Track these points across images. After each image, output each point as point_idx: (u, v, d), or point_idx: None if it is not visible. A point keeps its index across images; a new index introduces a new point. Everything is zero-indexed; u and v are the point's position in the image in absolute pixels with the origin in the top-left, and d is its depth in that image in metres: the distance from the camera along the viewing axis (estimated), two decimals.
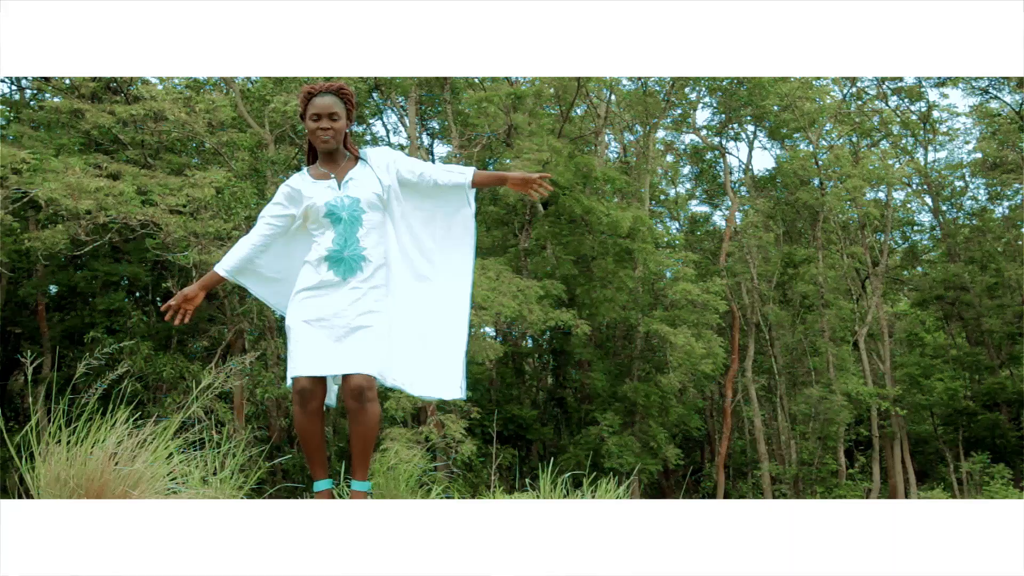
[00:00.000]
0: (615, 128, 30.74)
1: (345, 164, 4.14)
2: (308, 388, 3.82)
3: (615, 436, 23.39)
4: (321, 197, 4.03)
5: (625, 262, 25.19)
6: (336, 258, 3.95)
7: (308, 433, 3.86)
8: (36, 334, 23.14)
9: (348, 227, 4.00)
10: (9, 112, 24.61)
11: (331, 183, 4.08)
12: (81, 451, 3.95)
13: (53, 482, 3.84)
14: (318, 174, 4.12)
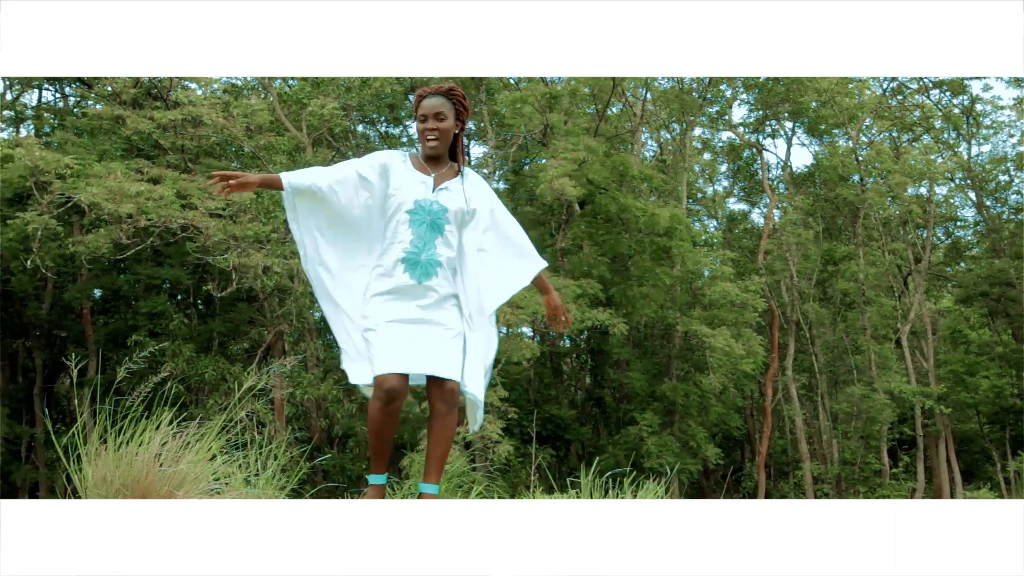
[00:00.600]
0: (651, 126, 30.59)
1: (446, 171, 4.08)
2: (396, 387, 3.76)
3: (654, 436, 23.27)
4: (412, 192, 3.98)
5: (662, 260, 25.05)
6: (413, 260, 3.92)
7: (385, 431, 3.80)
8: (81, 337, 23.53)
9: (429, 231, 3.95)
10: (53, 119, 25.07)
11: (427, 180, 4.03)
12: (127, 452, 4.01)
13: (100, 483, 3.89)
14: (417, 165, 4.07)
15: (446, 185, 4.04)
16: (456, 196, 4.03)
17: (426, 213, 3.96)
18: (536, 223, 28.14)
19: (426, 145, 4.02)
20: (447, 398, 3.90)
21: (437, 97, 4.02)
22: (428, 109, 4.00)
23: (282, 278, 19.06)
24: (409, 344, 3.84)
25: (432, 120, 4.00)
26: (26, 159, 17.34)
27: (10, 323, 24.98)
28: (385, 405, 3.78)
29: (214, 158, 21.99)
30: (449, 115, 4.02)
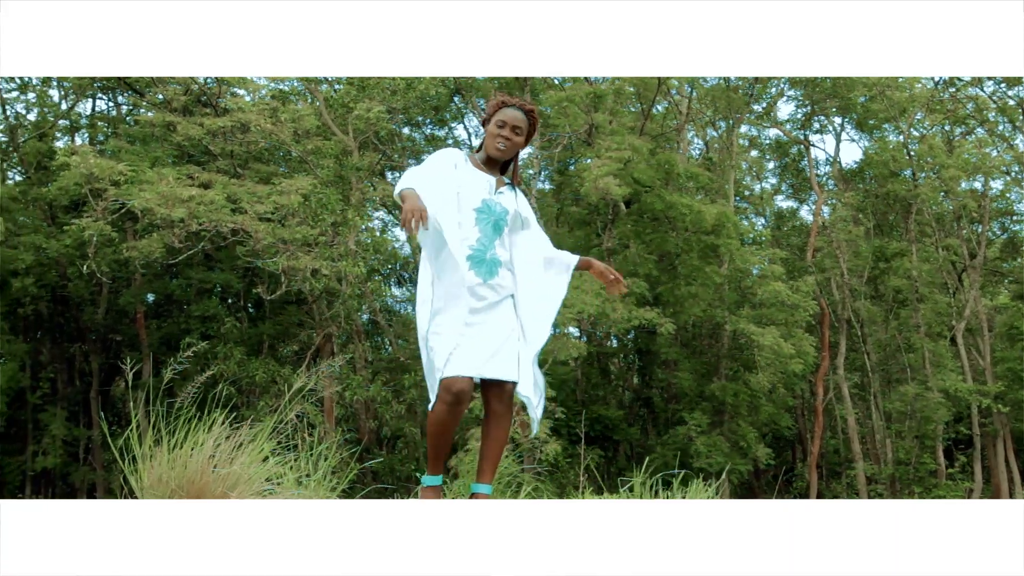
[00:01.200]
0: (697, 124, 30.36)
1: (500, 179, 4.17)
2: (465, 390, 3.79)
3: (703, 436, 23.08)
4: (478, 190, 4.04)
5: (710, 259, 24.84)
6: (479, 258, 3.95)
7: (447, 431, 3.83)
8: (135, 341, 23.98)
9: (492, 230, 4.02)
10: (107, 128, 25.58)
11: (490, 180, 4.10)
12: (181, 454, 4.07)
13: (156, 483, 3.96)
14: (477, 165, 4.15)
15: (502, 190, 4.12)
16: (510, 200, 4.11)
17: (491, 213, 4.02)
18: (581, 223, 28.07)
19: (494, 147, 4.09)
20: (505, 399, 3.95)
21: (520, 112, 4.12)
22: (510, 119, 4.09)
23: (330, 280, 19.23)
24: (475, 347, 3.86)
25: (509, 130, 4.09)
26: (81, 167, 17.71)
27: (67, 328, 25.55)
28: (453, 407, 3.80)
29: (262, 163, 22.27)
30: (524, 133, 4.13)
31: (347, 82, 21.86)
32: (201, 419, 4.23)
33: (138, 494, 4.00)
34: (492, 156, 4.10)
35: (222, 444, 4.21)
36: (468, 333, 3.87)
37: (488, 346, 3.89)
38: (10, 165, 24.32)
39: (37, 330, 25.39)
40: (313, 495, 4.44)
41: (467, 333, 3.86)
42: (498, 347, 3.91)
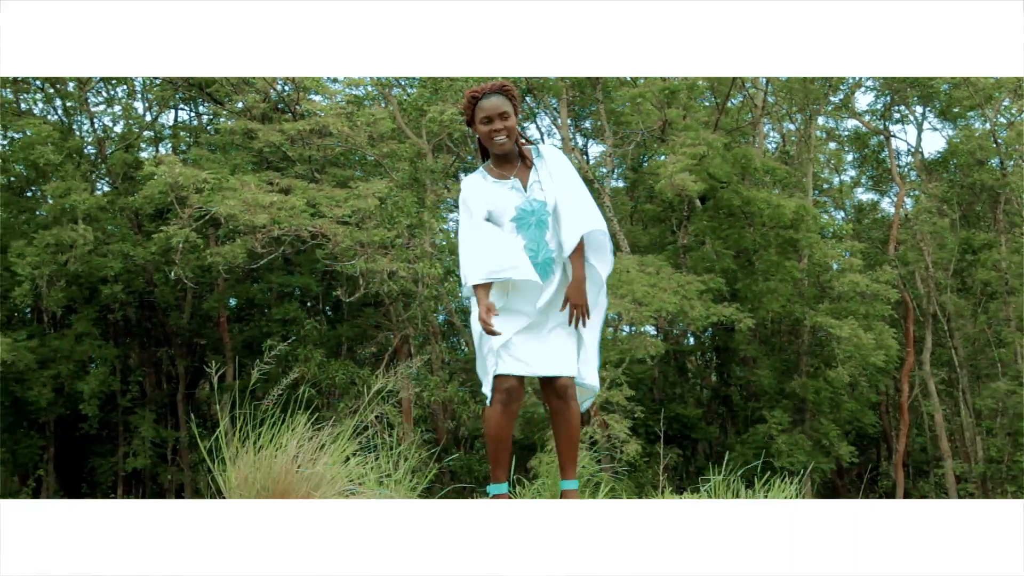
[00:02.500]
0: (773, 117, 29.84)
1: (521, 168, 4.05)
2: (515, 387, 3.81)
3: (784, 434, 22.69)
4: (508, 201, 3.97)
5: (789, 253, 24.40)
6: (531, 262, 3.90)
7: (503, 433, 3.82)
8: (219, 344, 24.59)
9: (537, 231, 3.94)
10: (189, 137, 26.29)
11: (515, 184, 4.01)
12: (266, 455, 4.16)
13: (242, 483, 4.05)
14: (498, 175, 4.05)
15: (534, 179, 4.02)
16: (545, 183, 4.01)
17: (530, 215, 3.95)
18: (656, 220, 27.84)
19: (495, 145, 3.99)
20: (560, 393, 3.92)
21: (496, 96, 3.99)
22: (491, 110, 3.96)
23: (407, 282, 19.44)
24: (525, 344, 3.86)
25: (498, 120, 3.97)
26: (166, 176, 18.23)
27: (154, 332, 26.32)
28: (504, 406, 3.81)
29: (339, 167, 22.63)
30: (511, 112, 4.00)
31: (420, 85, 22.07)
32: (284, 421, 4.32)
33: (226, 494, 4.10)
34: (498, 152, 4.02)
35: (304, 445, 4.29)
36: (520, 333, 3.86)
37: (538, 343, 3.88)
38: (98, 176, 25.15)
39: (126, 335, 26.21)
40: (394, 495, 4.49)
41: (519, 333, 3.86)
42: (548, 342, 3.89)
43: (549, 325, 3.92)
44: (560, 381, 3.90)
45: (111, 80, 24.18)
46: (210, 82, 22.64)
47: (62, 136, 22.76)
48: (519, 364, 3.83)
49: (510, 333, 3.85)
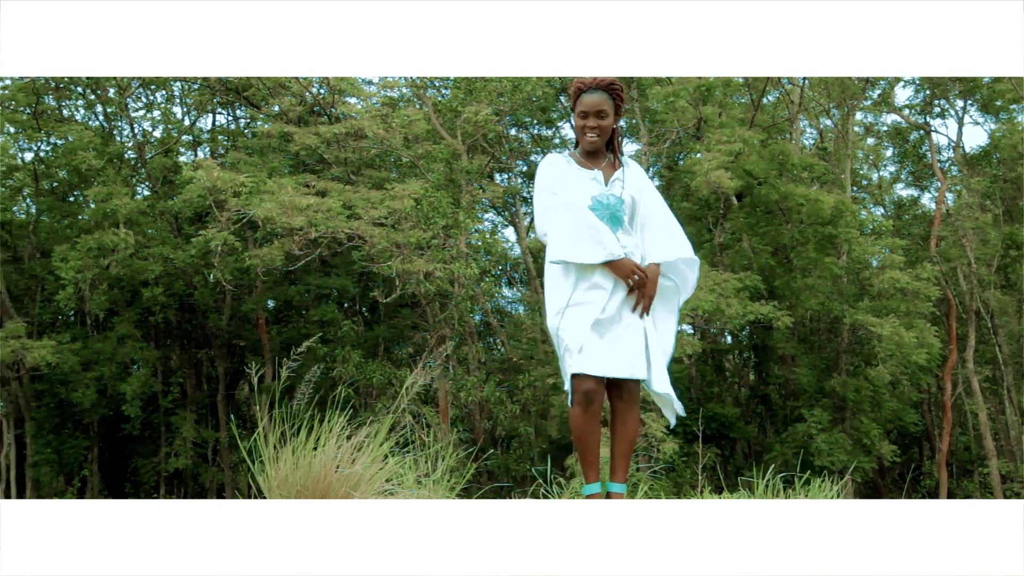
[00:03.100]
0: (809, 113, 29.53)
1: (607, 165, 4.06)
2: (594, 388, 3.79)
3: (824, 433, 22.44)
4: (586, 189, 3.96)
5: (828, 250, 24.14)
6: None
7: (587, 434, 3.81)
8: (258, 346, 24.83)
9: (611, 223, 3.93)
10: (227, 141, 26.58)
11: (596, 175, 4.02)
12: (304, 455, 4.19)
13: (282, 483, 4.09)
14: (582, 163, 4.06)
15: (616, 176, 4.02)
16: (627, 185, 4.02)
17: (605, 207, 3.94)
18: (693, 218, 27.65)
19: (586, 141, 4.01)
20: (626, 396, 3.92)
21: (598, 93, 3.98)
22: (590, 106, 3.97)
23: (443, 283, 19.50)
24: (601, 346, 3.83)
25: (593, 118, 3.97)
26: (205, 180, 18.44)
27: (194, 334, 26.63)
28: (584, 407, 3.79)
29: (375, 169, 22.75)
30: (610, 112, 3.99)
31: (454, 86, 22.12)
32: (322, 421, 4.35)
33: (266, 494, 4.14)
34: (588, 148, 4.03)
35: (343, 445, 4.31)
36: (596, 331, 3.84)
37: (613, 343, 3.86)
38: (139, 180, 25.50)
39: (166, 337, 26.54)
40: (432, 495, 4.51)
41: (595, 331, 3.84)
42: (623, 343, 3.87)
43: (623, 326, 3.90)
44: (628, 383, 3.90)
45: (150, 85, 24.52)
46: (246, 86, 22.86)
47: (103, 141, 23.11)
48: (596, 364, 3.80)
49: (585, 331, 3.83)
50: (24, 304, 24.32)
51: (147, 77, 23.54)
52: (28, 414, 24.00)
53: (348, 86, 21.91)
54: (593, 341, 3.83)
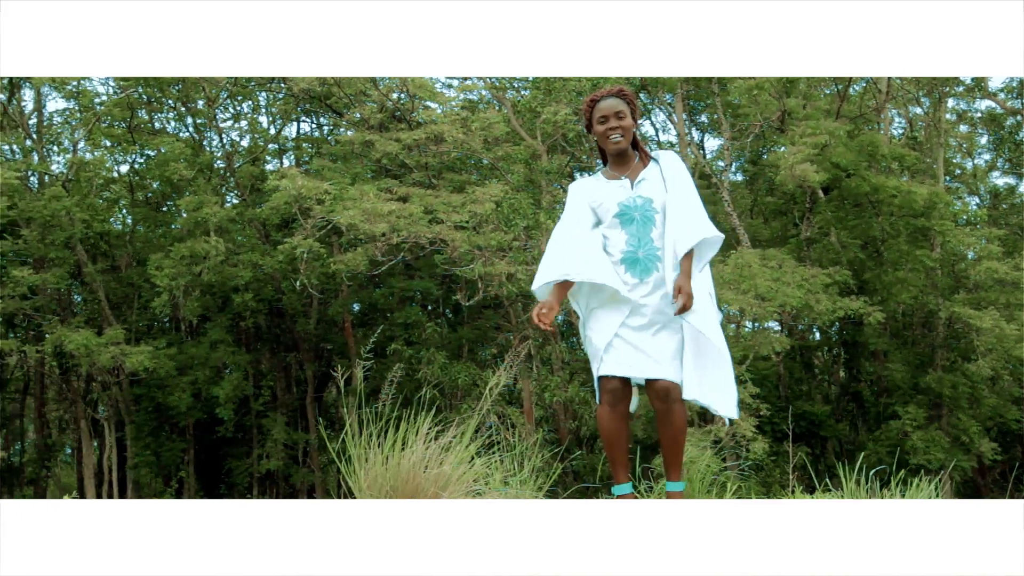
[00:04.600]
0: (898, 102, 28.70)
1: (636, 165, 4.12)
2: (618, 389, 3.85)
3: (920, 431, 21.78)
4: (613, 197, 4.05)
5: (920, 242, 23.43)
6: (631, 259, 3.95)
7: (614, 434, 3.87)
8: (344, 349, 25.25)
9: (641, 227, 3.98)
10: (311, 148, 27.12)
11: (623, 183, 4.09)
12: (393, 456, 4.24)
13: (372, 484, 4.15)
14: (610, 175, 4.15)
15: (643, 176, 4.07)
16: (655, 182, 4.05)
17: (633, 210, 3.99)
18: (777, 213, 27.16)
19: (610, 143, 4.07)
20: (661, 396, 3.90)
21: (612, 99, 4.10)
22: (608, 110, 4.07)
23: (525, 284, 19.54)
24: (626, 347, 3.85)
25: (614, 119, 4.06)
26: (290, 188, 18.85)
27: (283, 338, 27.22)
28: (611, 407, 3.85)
29: (455, 172, 22.92)
30: (627, 113, 4.09)
31: (533, 87, 22.15)
32: (409, 422, 4.40)
33: (357, 494, 4.20)
34: (614, 151, 4.09)
35: (431, 446, 4.36)
36: (622, 332, 3.88)
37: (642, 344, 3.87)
38: (227, 189, 26.20)
39: (257, 341, 27.19)
40: (520, 495, 4.52)
41: (621, 332, 3.88)
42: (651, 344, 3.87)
43: (655, 327, 3.89)
44: (660, 384, 3.88)
45: (236, 96, 25.17)
46: (329, 94, 23.28)
47: (194, 152, 23.82)
48: (620, 366, 3.86)
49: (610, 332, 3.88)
50: (122, 311, 25.19)
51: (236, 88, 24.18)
52: (128, 418, 24.85)
53: (427, 93, 22.15)
54: (619, 343, 3.87)
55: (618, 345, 3.88)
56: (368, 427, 4.34)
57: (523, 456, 5.17)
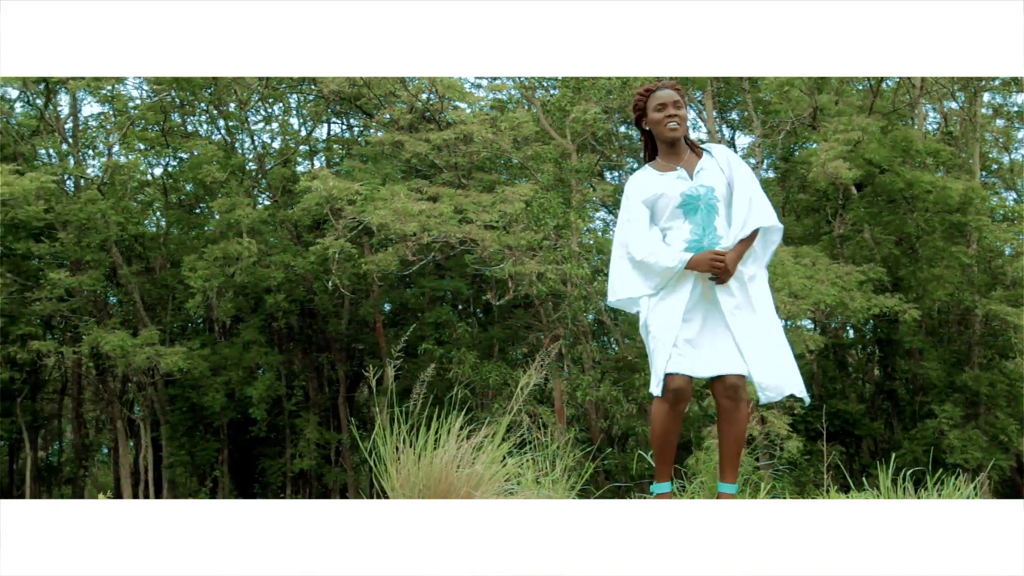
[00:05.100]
0: (933, 97, 28.32)
1: (690, 156, 4.08)
2: (683, 387, 3.78)
3: (956, 430, 21.51)
4: (675, 188, 3.99)
5: (956, 238, 23.13)
6: (697, 248, 3.90)
7: (669, 433, 3.81)
8: (376, 349, 25.36)
9: (706, 216, 3.95)
10: (341, 150, 27.27)
11: (680, 174, 4.03)
12: (425, 455, 4.25)
13: (405, 483, 4.16)
14: (663, 167, 4.09)
15: (701, 166, 4.03)
16: (714, 171, 4.02)
17: (698, 200, 3.95)
18: (810, 210, 26.92)
19: (667, 130, 4.03)
20: (730, 394, 3.84)
21: (669, 89, 4.09)
22: (666, 98, 4.05)
23: (556, 284, 19.52)
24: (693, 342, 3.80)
25: (672, 107, 4.04)
26: (321, 189, 18.97)
27: (315, 339, 27.39)
28: (672, 406, 3.77)
29: (485, 172, 22.94)
30: (683, 104, 4.08)
31: (562, 86, 22.12)
32: (440, 421, 4.41)
33: (389, 494, 4.21)
34: (670, 139, 4.05)
35: (463, 446, 4.36)
36: (686, 327, 3.82)
37: (707, 340, 3.82)
38: (259, 191, 26.41)
39: (289, 342, 27.37)
40: (552, 494, 4.51)
41: (684, 327, 3.82)
42: (718, 340, 3.83)
43: (720, 323, 3.85)
44: (729, 380, 3.82)
45: (268, 99, 25.37)
46: (359, 95, 23.39)
47: (226, 155, 24.03)
48: (687, 363, 3.78)
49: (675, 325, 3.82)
50: (157, 312, 25.47)
51: (267, 90, 24.36)
52: (163, 418, 25.12)
53: (455, 94, 22.19)
54: (685, 339, 3.81)
55: (685, 341, 3.82)
56: (400, 426, 4.35)
57: (555, 455, 5.17)
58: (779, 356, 3.91)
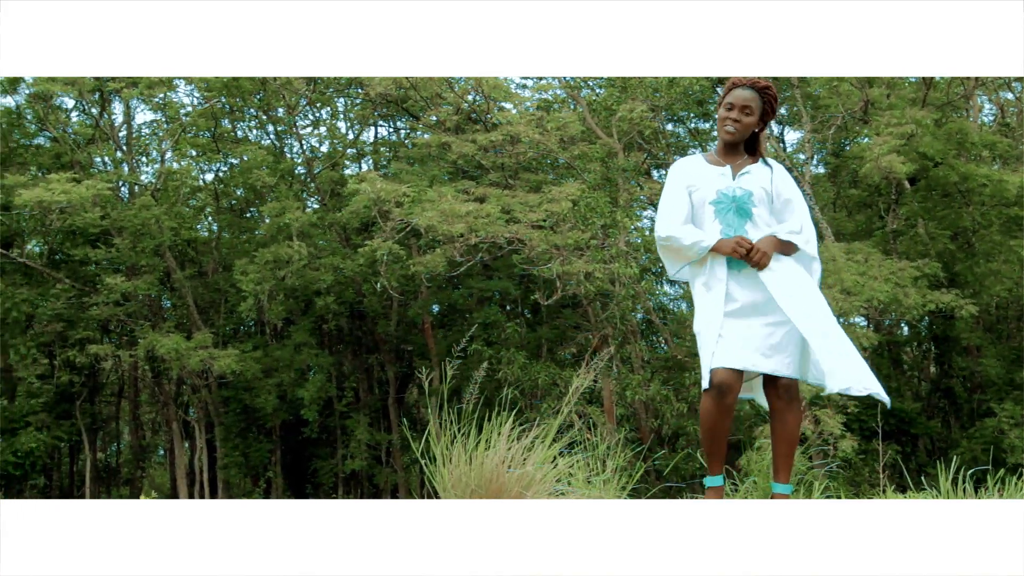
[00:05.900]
0: (988, 87, 27.72)
1: (744, 160, 4.03)
2: (728, 382, 3.73)
3: (1017, 428, 21.02)
4: (711, 184, 3.97)
5: (1014, 232, 22.61)
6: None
7: (718, 427, 3.77)
8: (424, 350, 25.50)
9: (737, 218, 3.90)
10: (388, 152, 27.45)
11: (724, 171, 4.00)
12: (476, 456, 4.26)
13: (456, 483, 4.17)
14: (713, 160, 4.07)
15: (747, 169, 3.97)
16: (760, 177, 3.95)
17: (730, 200, 3.90)
18: (862, 206, 26.51)
19: (723, 132, 3.99)
20: (782, 394, 3.80)
21: (749, 90, 3.98)
22: (737, 99, 3.96)
23: (603, 283, 19.45)
24: (739, 339, 3.76)
25: (737, 111, 3.96)
26: (369, 191, 19.12)
27: (365, 340, 27.61)
28: (718, 400, 3.73)
29: (532, 172, 22.94)
30: (755, 111, 3.97)
31: (608, 85, 22.03)
32: (490, 422, 4.41)
33: (441, 494, 4.23)
34: (726, 140, 4.00)
35: (513, 446, 4.36)
36: (728, 324, 3.77)
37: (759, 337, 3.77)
38: (308, 194, 26.70)
39: (339, 343, 27.63)
40: (603, 495, 4.49)
41: (727, 324, 3.77)
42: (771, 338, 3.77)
43: (773, 320, 3.79)
44: (782, 381, 3.79)
45: (315, 103, 25.63)
46: (405, 97, 23.52)
47: (275, 159, 24.33)
48: (734, 357, 3.74)
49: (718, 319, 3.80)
50: (210, 316, 25.86)
51: (314, 94, 24.61)
52: (217, 419, 25.50)
53: (501, 94, 22.21)
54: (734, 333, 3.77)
55: (733, 335, 3.77)
56: (450, 427, 4.36)
57: (605, 456, 5.14)
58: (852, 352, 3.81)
